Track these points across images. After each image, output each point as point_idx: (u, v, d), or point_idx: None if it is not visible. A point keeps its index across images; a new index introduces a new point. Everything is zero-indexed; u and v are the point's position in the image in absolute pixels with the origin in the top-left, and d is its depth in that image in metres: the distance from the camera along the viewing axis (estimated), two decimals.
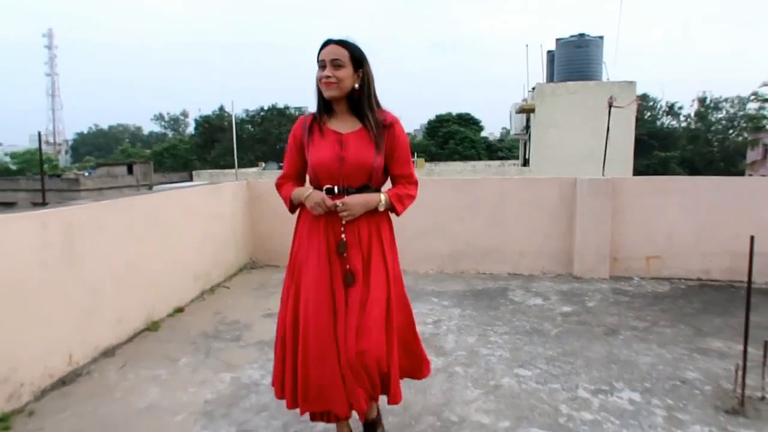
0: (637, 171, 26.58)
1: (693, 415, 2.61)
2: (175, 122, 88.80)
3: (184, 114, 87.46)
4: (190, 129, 69.52)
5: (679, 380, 2.99)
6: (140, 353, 3.51)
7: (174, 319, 4.20)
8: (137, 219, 3.93)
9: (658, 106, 47.27)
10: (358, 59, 2.11)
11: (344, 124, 2.17)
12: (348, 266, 2.10)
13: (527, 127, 19.40)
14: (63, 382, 3.07)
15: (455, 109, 54.75)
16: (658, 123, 46.01)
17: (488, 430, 2.51)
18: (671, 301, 4.51)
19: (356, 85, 2.11)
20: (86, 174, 46.87)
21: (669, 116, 47.46)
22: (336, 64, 2.08)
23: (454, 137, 51.28)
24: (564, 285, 5.03)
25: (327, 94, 2.12)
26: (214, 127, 54.34)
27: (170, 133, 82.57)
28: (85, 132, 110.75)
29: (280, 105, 56.28)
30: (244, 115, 57.32)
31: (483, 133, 56.28)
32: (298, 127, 2.25)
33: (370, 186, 2.17)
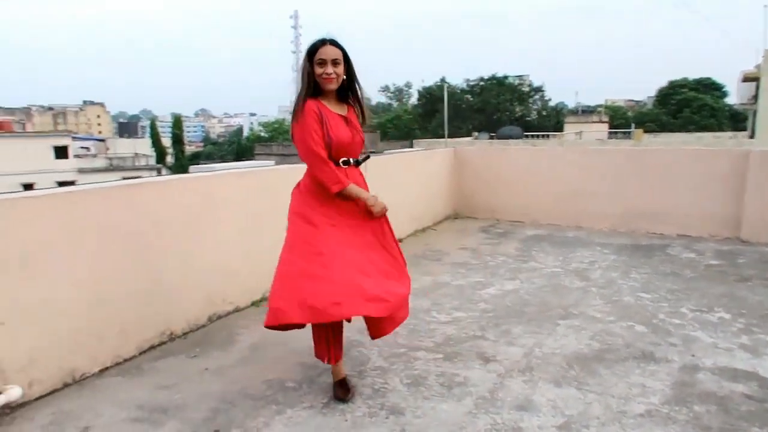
0: None
1: (764, 330, 3.42)
2: (399, 93, 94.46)
3: (408, 85, 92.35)
4: (413, 99, 73.41)
5: None
6: None
7: None
8: (374, 173, 5.66)
9: None
10: (346, 56, 2.56)
11: (337, 107, 2.62)
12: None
13: (756, 96, 17.70)
14: None
15: (694, 75, 49.48)
16: None
17: (596, 320, 3.65)
18: None
19: (344, 77, 2.57)
20: None
21: None
22: (335, 63, 2.50)
23: (689, 105, 46.84)
24: (726, 246, 5.60)
25: (328, 87, 2.53)
26: (435, 97, 56.80)
27: (395, 104, 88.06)
28: None
29: (500, 74, 56.87)
30: (464, 85, 59.13)
31: (728, 100, 50.08)
32: (316, 110, 2.51)
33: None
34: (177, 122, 49.89)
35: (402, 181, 6.18)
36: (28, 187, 31.00)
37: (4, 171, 36.13)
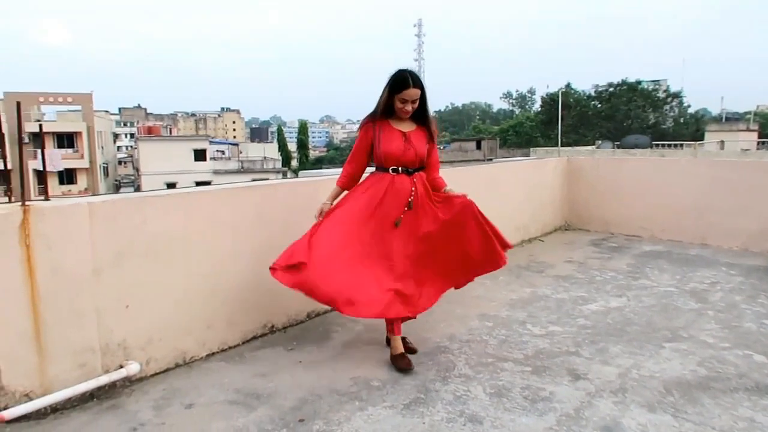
0: None
1: None
2: (522, 100, 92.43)
3: (531, 92, 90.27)
4: (536, 106, 71.54)
5: None
6: None
7: None
8: (479, 181, 5.64)
9: None
10: (423, 92, 3.06)
11: (403, 125, 3.12)
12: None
13: None
14: None
15: None
16: None
17: (707, 345, 3.37)
18: None
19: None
20: (442, 147, 53.74)
21: None
22: (414, 102, 3.04)
23: None
24: None
25: (403, 118, 3.10)
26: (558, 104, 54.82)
27: (517, 111, 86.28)
28: (442, 110, 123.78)
29: (632, 79, 53.68)
30: (591, 92, 56.52)
31: None
32: (369, 131, 3.13)
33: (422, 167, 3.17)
34: (302, 128, 52.59)
35: (509, 190, 6.09)
36: (171, 185, 34.23)
37: (154, 171, 40.15)
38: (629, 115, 51.86)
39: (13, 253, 2.54)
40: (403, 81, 3.00)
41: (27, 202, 2.60)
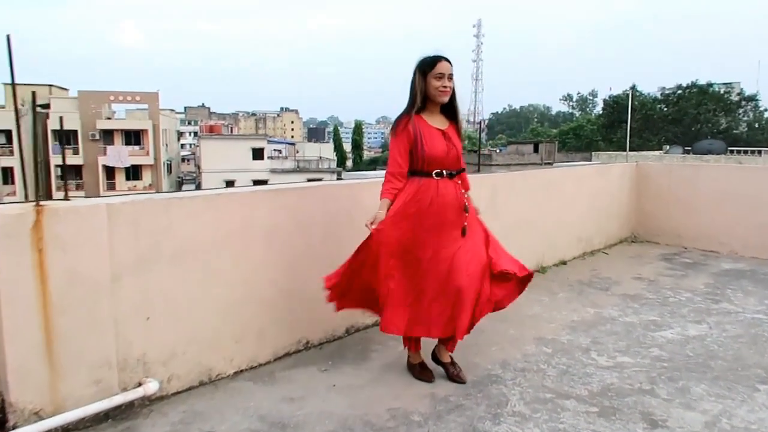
0: None
1: None
2: (583, 102, 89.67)
3: (593, 94, 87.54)
4: (598, 109, 69.30)
5: None
6: (532, 285, 4.76)
7: (558, 268, 5.34)
8: (538, 186, 5.20)
9: None
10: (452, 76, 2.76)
11: (438, 122, 2.81)
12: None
13: None
14: None
15: None
16: None
17: None
18: None
19: None
20: (498, 150, 52.74)
21: None
22: (450, 77, 2.73)
23: None
24: None
25: (442, 100, 2.74)
26: (622, 107, 52.88)
27: (577, 113, 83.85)
28: (500, 111, 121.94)
29: (702, 82, 51.05)
30: (658, 94, 54.18)
31: None
32: (410, 130, 2.73)
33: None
34: (357, 128, 52.74)
35: (569, 197, 5.61)
36: (230, 183, 34.91)
37: (214, 168, 41.10)
38: (698, 120, 49.34)
39: (24, 257, 2.33)
40: (432, 58, 2.73)
41: (41, 202, 2.40)
